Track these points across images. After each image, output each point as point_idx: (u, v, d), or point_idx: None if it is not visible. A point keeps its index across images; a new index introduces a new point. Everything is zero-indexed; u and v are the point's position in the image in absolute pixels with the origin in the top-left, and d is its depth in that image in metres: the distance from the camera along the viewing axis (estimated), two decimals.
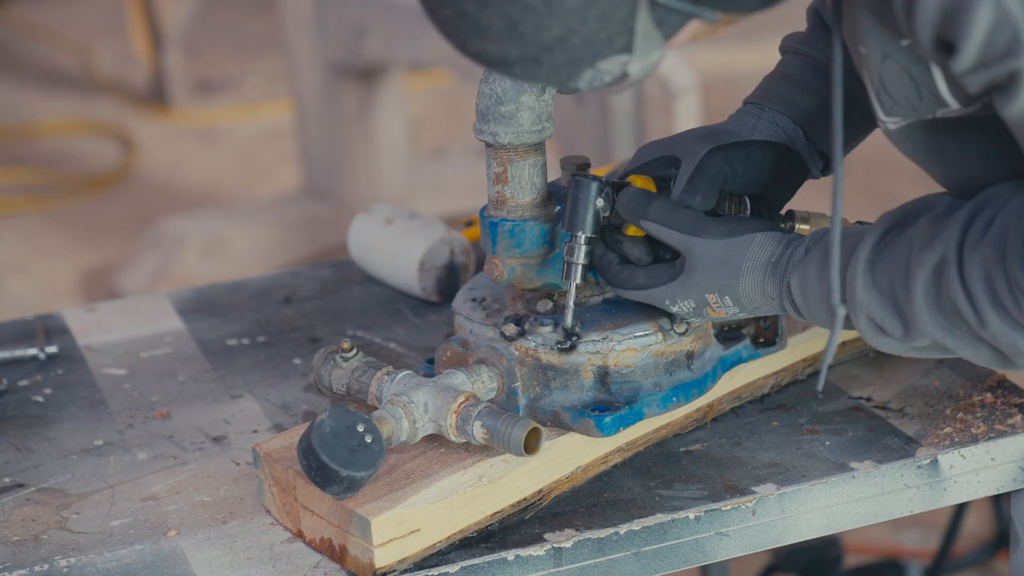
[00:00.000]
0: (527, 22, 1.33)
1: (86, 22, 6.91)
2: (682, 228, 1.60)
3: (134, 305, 2.15)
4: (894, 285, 1.50)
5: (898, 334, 1.52)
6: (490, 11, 1.33)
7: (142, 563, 1.59)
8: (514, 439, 1.56)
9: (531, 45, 1.34)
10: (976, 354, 1.51)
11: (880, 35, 1.44)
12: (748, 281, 1.58)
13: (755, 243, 1.58)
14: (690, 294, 1.61)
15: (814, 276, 1.55)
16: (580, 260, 1.63)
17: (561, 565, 1.58)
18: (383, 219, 2.13)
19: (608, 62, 1.36)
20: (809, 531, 1.66)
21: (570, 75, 1.37)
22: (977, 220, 1.46)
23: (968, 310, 1.45)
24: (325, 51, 4.43)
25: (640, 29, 1.34)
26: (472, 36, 1.36)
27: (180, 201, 5.21)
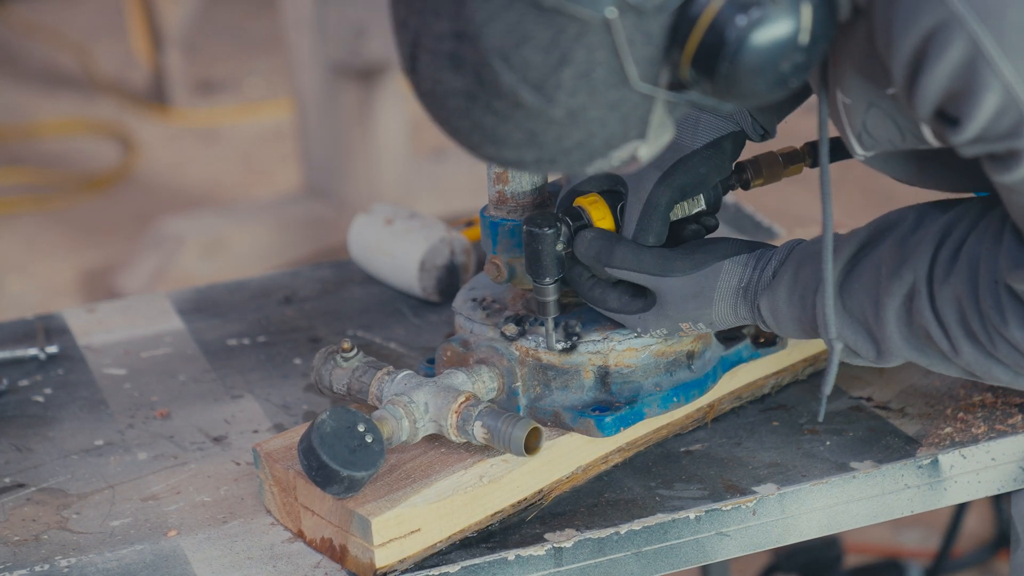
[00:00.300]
0: (549, 133, 1.33)
1: (86, 22, 6.91)
2: (650, 270, 1.60)
3: (134, 305, 2.15)
4: (864, 311, 1.52)
5: (871, 357, 1.54)
6: (511, 125, 1.33)
7: (143, 563, 1.59)
8: (515, 439, 1.56)
9: (549, 150, 1.35)
10: (948, 371, 1.54)
11: (867, 87, 1.43)
12: (720, 308, 1.60)
13: (723, 271, 1.59)
14: (663, 324, 1.62)
15: (783, 302, 1.56)
16: (551, 297, 1.63)
17: (562, 565, 1.58)
18: (383, 219, 2.13)
19: (620, 150, 1.37)
20: (810, 531, 1.66)
21: (583, 166, 1.38)
22: (944, 247, 1.46)
23: (941, 339, 1.47)
24: (325, 51, 4.43)
25: (655, 120, 1.35)
26: (486, 143, 1.36)
27: (180, 201, 5.21)
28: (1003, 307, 1.42)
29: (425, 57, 1.33)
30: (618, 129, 1.34)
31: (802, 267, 1.55)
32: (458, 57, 1.30)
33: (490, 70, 1.30)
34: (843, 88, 1.45)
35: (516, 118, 1.32)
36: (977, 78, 1.30)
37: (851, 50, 1.42)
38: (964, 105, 1.32)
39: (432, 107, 1.37)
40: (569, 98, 1.30)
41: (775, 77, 1.32)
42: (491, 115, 1.32)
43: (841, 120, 1.49)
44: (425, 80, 1.34)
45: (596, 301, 1.64)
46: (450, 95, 1.33)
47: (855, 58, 1.42)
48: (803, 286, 1.55)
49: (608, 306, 1.63)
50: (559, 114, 1.31)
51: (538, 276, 1.62)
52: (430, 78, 1.34)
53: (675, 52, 1.32)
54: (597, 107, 1.31)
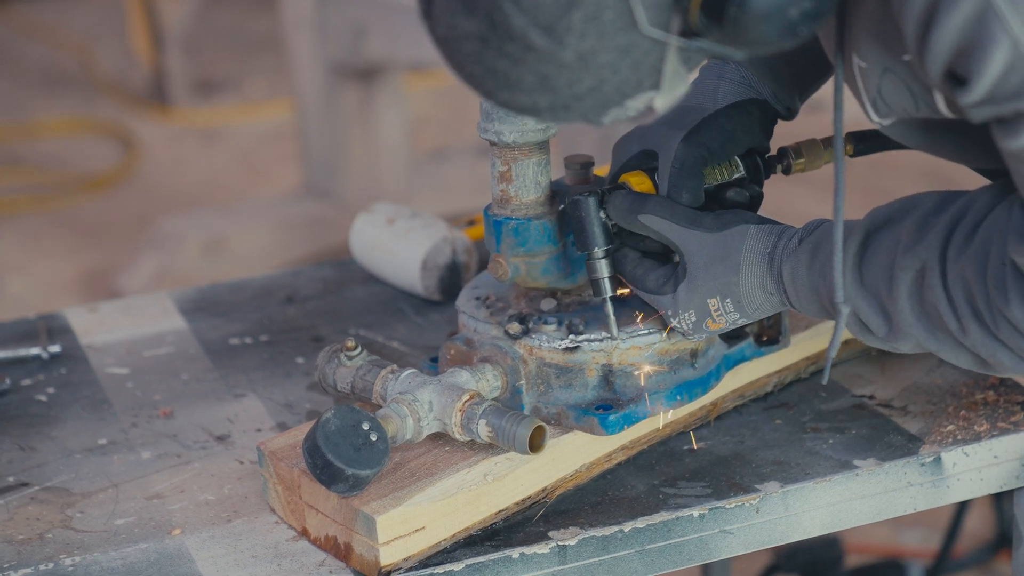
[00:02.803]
0: (560, 77, 1.34)
1: (86, 22, 6.91)
2: (680, 221, 1.60)
3: (136, 305, 2.15)
4: (879, 285, 1.51)
5: (882, 333, 1.54)
6: (523, 68, 1.33)
7: (147, 561, 1.59)
8: (519, 437, 1.57)
9: (562, 95, 1.35)
10: (958, 358, 1.53)
11: (882, 52, 1.44)
12: (747, 276, 1.59)
13: (749, 235, 1.59)
14: (692, 301, 1.61)
15: (804, 267, 1.56)
16: (605, 274, 1.64)
17: (566, 563, 1.58)
18: (385, 218, 2.14)
19: (635, 100, 1.37)
20: (812, 529, 1.66)
21: (598, 116, 1.39)
22: (959, 228, 1.47)
23: (950, 317, 1.47)
24: (325, 51, 4.43)
25: (668, 69, 1.36)
26: (500, 88, 1.37)
27: (180, 201, 5.21)
28: (1007, 286, 1.42)
29: (440, 2, 1.34)
30: (630, 76, 1.34)
31: (823, 240, 1.56)
32: (471, 1, 1.32)
33: (501, 12, 1.31)
34: (859, 52, 1.46)
35: (528, 61, 1.33)
36: (986, 32, 1.31)
37: (867, 13, 1.42)
38: (973, 62, 1.32)
39: (447, 52, 1.38)
40: (579, 41, 1.31)
41: (783, 23, 1.33)
42: (504, 59, 1.33)
43: (857, 85, 1.50)
44: (440, 25, 1.36)
45: (636, 280, 1.65)
46: (464, 39, 1.34)
47: (871, 21, 1.43)
48: (823, 257, 1.55)
49: (646, 286, 1.64)
50: (569, 57, 1.32)
51: (586, 246, 1.63)
52: (445, 23, 1.35)
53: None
54: (607, 51, 1.32)
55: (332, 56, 4.42)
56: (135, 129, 5.81)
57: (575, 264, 1.68)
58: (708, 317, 1.62)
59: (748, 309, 1.61)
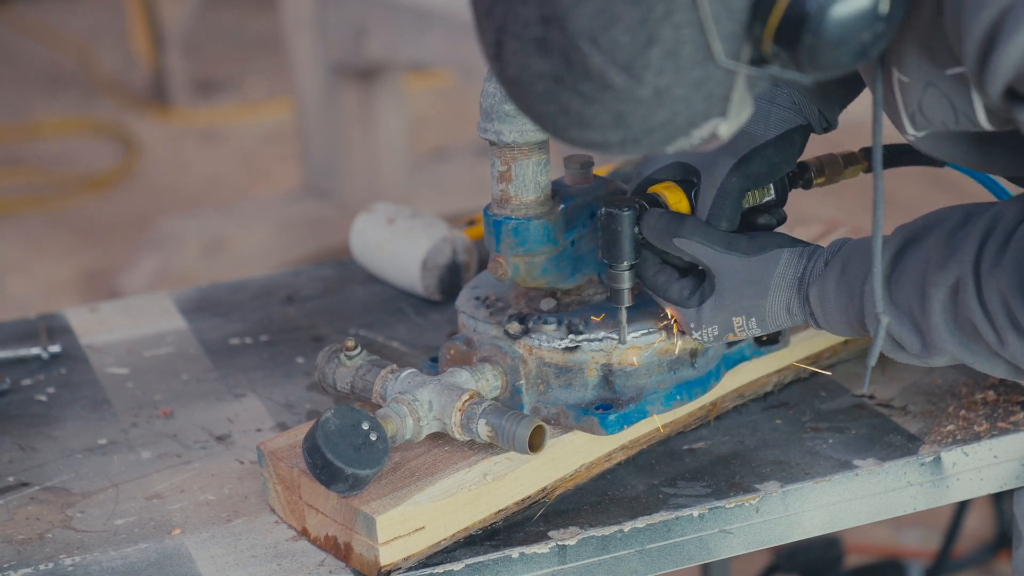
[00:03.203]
0: (636, 114, 1.33)
1: (86, 22, 6.91)
2: (715, 245, 1.61)
3: (136, 305, 2.15)
4: (911, 302, 1.52)
5: (916, 349, 1.54)
6: (597, 107, 1.33)
7: (147, 561, 1.59)
8: (519, 437, 1.57)
9: (634, 130, 1.35)
10: (994, 368, 1.53)
11: (927, 65, 1.44)
12: (775, 300, 1.60)
13: (782, 261, 1.60)
14: (717, 318, 1.62)
15: (831, 290, 1.57)
16: (627, 285, 1.64)
17: (566, 563, 1.58)
18: (385, 218, 2.14)
19: (702, 129, 1.37)
20: (812, 529, 1.66)
21: (664, 146, 1.38)
22: (990, 241, 1.47)
23: (988, 331, 1.48)
24: (325, 51, 4.43)
25: (736, 97, 1.36)
26: (572, 127, 1.36)
27: (180, 201, 5.21)
28: None
29: (511, 43, 1.34)
30: (701, 107, 1.35)
31: (850, 260, 1.57)
32: (546, 41, 1.32)
33: (578, 53, 1.30)
34: (901, 66, 1.46)
35: (604, 100, 1.33)
36: None
37: (914, 27, 1.42)
38: None
39: (517, 93, 1.37)
40: (656, 77, 1.31)
41: (857, 47, 1.34)
42: (578, 98, 1.33)
43: (895, 99, 1.50)
44: (511, 66, 1.35)
45: (658, 289, 1.65)
46: (537, 80, 1.34)
47: (918, 35, 1.43)
48: (851, 277, 1.56)
49: (669, 296, 1.64)
50: (646, 94, 1.32)
51: (615, 259, 1.63)
52: (516, 64, 1.34)
53: (757, 26, 1.33)
54: (683, 85, 1.32)
55: (332, 56, 4.42)
56: (135, 129, 5.82)
57: (575, 264, 1.68)
58: (730, 331, 1.63)
59: (770, 326, 1.63)
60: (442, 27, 3.94)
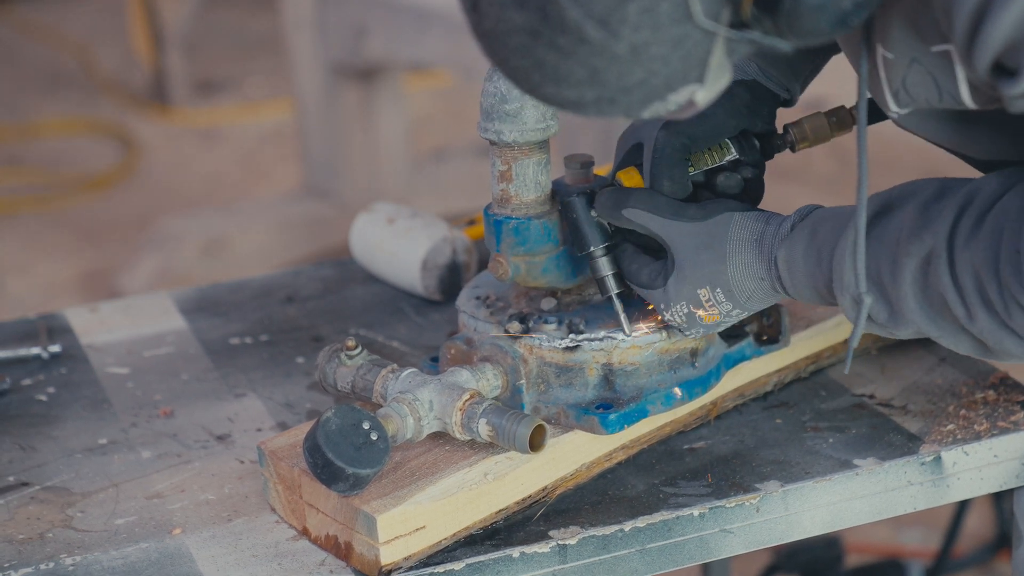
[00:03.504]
0: (611, 70, 1.33)
1: (86, 22, 6.91)
2: (662, 212, 1.61)
3: (136, 304, 2.15)
4: (881, 271, 1.51)
5: (882, 319, 1.53)
6: (573, 62, 1.32)
7: (147, 561, 1.59)
8: (519, 436, 1.57)
9: (610, 89, 1.34)
10: (958, 344, 1.52)
11: (912, 41, 1.44)
12: (735, 264, 1.59)
13: (734, 223, 1.59)
14: (683, 292, 1.61)
15: (800, 253, 1.56)
16: (607, 271, 1.64)
17: (566, 562, 1.58)
18: (385, 218, 2.14)
19: (678, 93, 1.36)
20: (813, 528, 1.66)
21: (640, 109, 1.38)
22: (966, 215, 1.47)
23: (957, 304, 1.47)
24: (325, 51, 4.43)
25: (714, 62, 1.35)
26: (547, 82, 1.35)
27: (180, 201, 5.21)
28: (1022, 273, 1.42)
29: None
30: (678, 68, 1.34)
31: (820, 226, 1.56)
32: None
33: (555, 5, 1.30)
34: (885, 42, 1.46)
35: (579, 54, 1.32)
36: None
37: (900, 3, 1.42)
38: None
39: (492, 46, 1.36)
40: (633, 33, 1.30)
41: (837, 14, 1.33)
42: (554, 52, 1.32)
43: (879, 75, 1.50)
44: (487, 18, 1.34)
45: (631, 275, 1.65)
46: (512, 32, 1.33)
47: (904, 10, 1.42)
48: (820, 243, 1.55)
49: (640, 281, 1.64)
50: (622, 49, 1.31)
51: (583, 246, 1.64)
52: (492, 16, 1.33)
53: None
54: (660, 43, 1.31)
55: (332, 56, 4.42)
56: (135, 129, 5.81)
57: (575, 263, 1.68)
58: (700, 308, 1.62)
59: (740, 298, 1.61)
60: (442, 27, 3.95)
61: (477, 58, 3.80)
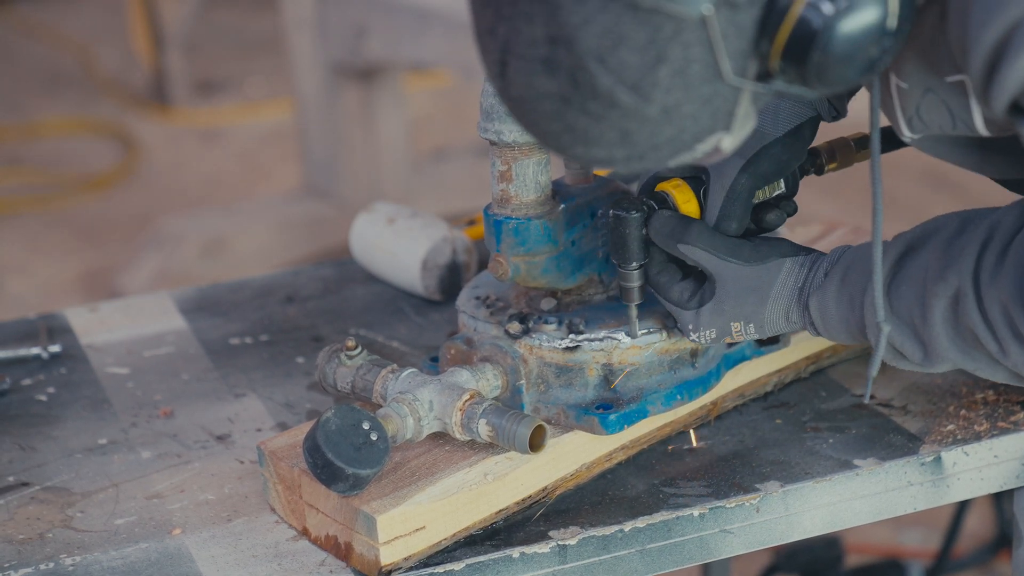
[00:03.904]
0: (642, 131, 1.33)
1: (86, 22, 6.91)
2: (721, 252, 1.61)
3: (136, 304, 2.15)
4: (912, 312, 1.53)
5: (918, 359, 1.55)
6: (604, 125, 1.33)
7: (147, 561, 1.59)
8: (519, 436, 1.57)
9: (640, 147, 1.35)
10: (995, 375, 1.55)
11: (927, 73, 1.44)
12: (774, 308, 1.61)
13: (784, 270, 1.60)
14: (716, 322, 1.62)
15: (832, 300, 1.58)
16: (637, 283, 1.65)
17: (566, 562, 1.58)
18: (385, 218, 2.14)
19: (705, 143, 1.37)
20: (813, 528, 1.66)
21: (668, 161, 1.38)
22: (988, 251, 1.48)
23: (989, 340, 1.48)
24: (325, 51, 4.43)
25: (740, 111, 1.36)
26: (577, 144, 1.36)
27: (180, 201, 5.21)
28: None
29: (516, 63, 1.32)
30: (707, 123, 1.35)
31: (851, 269, 1.57)
32: (552, 61, 1.30)
33: (586, 73, 1.30)
34: (899, 73, 1.47)
35: (611, 118, 1.32)
36: None
37: (916, 35, 1.42)
38: None
39: (522, 112, 1.37)
40: (665, 96, 1.31)
41: (864, 62, 1.34)
42: (585, 116, 1.32)
43: (893, 103, 1.50)
44: (515, 85, 1.34)
45: (660, 288, 1.65)
46: (542, 99, 1.33)
47: (919, 44, 1.43)
48: (851, 287, 1.56)
49: (669, 296, 1.65)
50: (654, 112, 1.32)
51: (624, 261, 1.64)
52: (521, 83, 1.33)
53: (764, 43, 1.33)
54: (691, 102, 1.32)
55: (332, 56, 4.42)
56: (135, 129, 5.81)
57: (576, 264, 1.68)
58: (727, 335, 1.64)
59: (768, 332, 1.63)
60: (442, 27, 3.94)
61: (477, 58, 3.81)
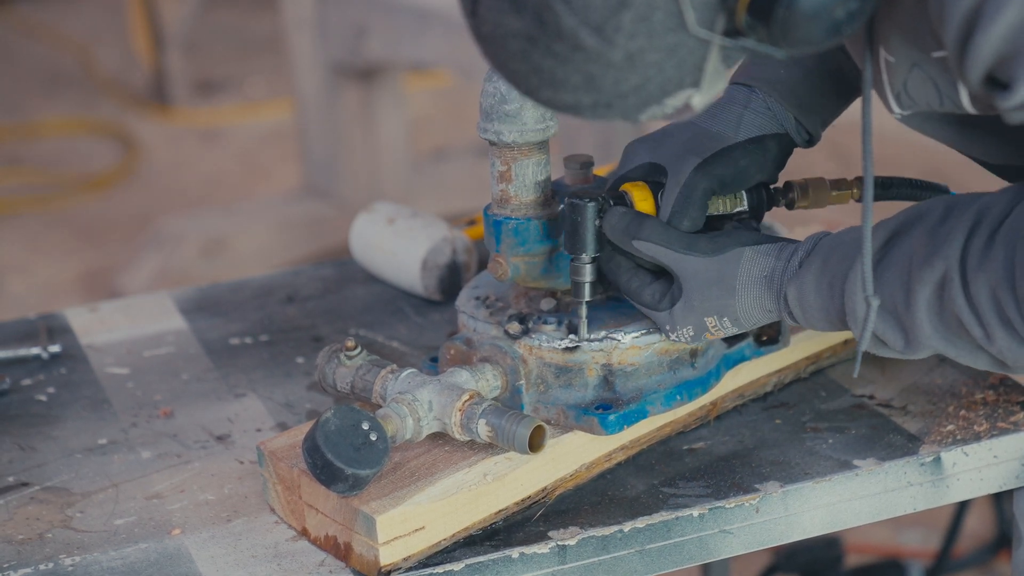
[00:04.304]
0: (607, 76, 1.34)
1: (86, 22, 6.91)
2: (674, 246, 1.61)
3: (136, 304, 2.15)
4: (895, 299, 1.52)
5: (899, 347, 1.54)
6: (569, 68, 1.34)
7: (147, 561, 1.59)
8: (519, 437, 1.57)
9: (606, 94, 1.36)
10: (976, 362, 1.53)
11: (911, 48, 1.45)
12: (744, 299, 1.59)
13: (744, 259, 1.59)
14: (689, 319, 1.61)
15: (811, 289, 1.56)
16: (588, 278, 1.64)
17: (565, 563, 1.58)
18: (385, 218, 2.14)
19: (675, 98, 1.37)
20: (812, 529, 1.66)
21: (637, 113, 1.39)
22: (976, 235, 1.47)
23: (974, 325, 1.47)
24: (325, 51, 4.43)
25: (709, 68, 1.36)
26: (544, 87, 1.37)
27: (180, 201, 5.21)
28: None
29: (486, 1, 1.34)
30: (673, 75, 1.35)
31: (830, 256, 1.56)
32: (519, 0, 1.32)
33: (551, 12, 1.31)
34: (887, 46, 1.47)
35: (575, 61, 1.33)
36: None
37: (899, 9, 1.43)
38: (1016, 68, 1.32)
39: (491, 50, 1.38)
40: (628, 41, 1.31)
41: (830, 23, 1.34)
42: (550, 58, 1.33)
43: (881, 77, 1.50)
44: (485, 23, 1.36)
45: (632, 294, 1.65)
46: (510, 37, 1.34)
47: (903, 18, 1.43)
48: (831, 275, 1.55)
49: (642, 299, 1.64)
50: (617, 57, 1.32)
51: (575, 250, 1.63)
52: (491, 21, 1.35)
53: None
54: (655, 50, 1.32)
55: (332, 56, 4.42)
56: (135, 129, 5.81)
57: None
58: (705, 331, 1.63)
59: (746, 324, 1.62)
60: (442, 27, 3.95)
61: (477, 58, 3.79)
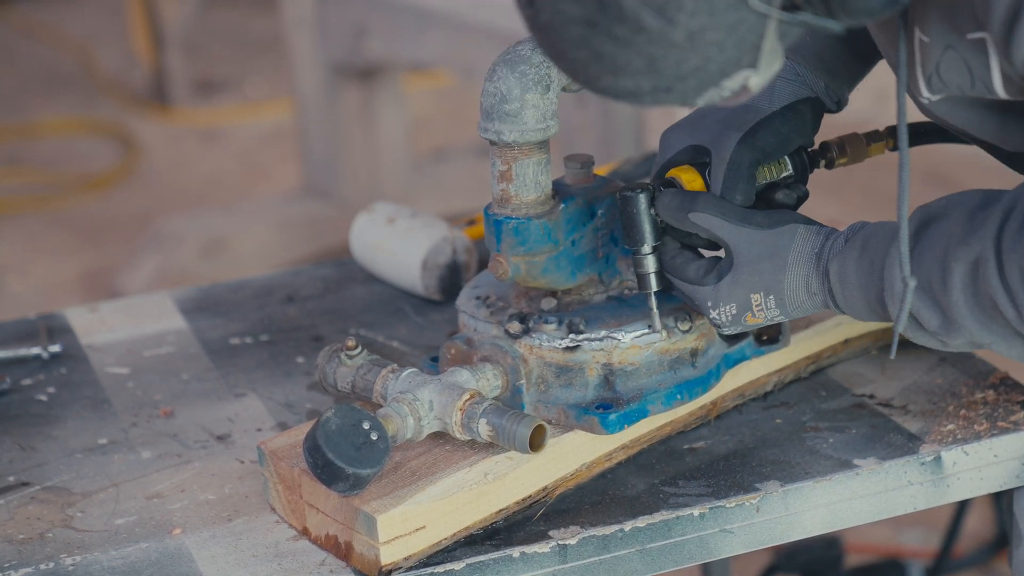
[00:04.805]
0: (668, 58, 1.34)
1: (86, 22, 6.91)
2: (730, 218, 1.62)
3: (136, 304, 2.15)
4: (931, 279, 1.52)
5: (935, 327, 1.54)
6: (631, 51, 1.33)
7: (147, 561, 1.59)
8: (519, 436, 1.57)
9: (667, 77, 1.35)
10: (1011, 349, 1.54)
11: (948, 29, 1.45)
12: (793, 275, 1.60)
13: (799, 235, 1.61)
14: (735, 295, 1.61)
15: (852, 264, 1.57)
16: (652, 269, 1.65)
17: (566, 562, 1.58)
18: (385, 218, 2.14)
19: (732, 79, 1.37)
20: (813, 528, 1.66)
21: (696, 97, 1.39)
22: (1012, 218, 1.48)
23: (1008, 306, 1.48)
24: (325, 51, 4.43)
25: (767, 46, 1.36)
26: (605, 73, 1.36)
27: (180, 201, 5.21)
28: None
29: None
30: (733, 54, 1.35)
31: (870, 240, 1.57)
32: None
33: None
34: (923, 26, 1.47)
35: (637, 43, 1.32)
36: None
37: None
38: None
39: (549, 39, 1.37)
40: (690, 19, 1.31)
41: None
42: (611, 42, 1.33)
43: (914, 59, 1.50)
44: (543, 12, 1.35)
45: (676, 270, 1.65)
46: (569, 24, 1.34)
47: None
48: (872, 254, 1.56)
49: (686, 275, 1.65)
50: (679, 37, 1.32)
51: (636, 242, 1.64)
52: (549, 9, 1.34)
53: None
54: (716, 29, 1.32)
55: (332, 56, 4.42)
56: (135, 129, 5.82)
57: (576, 264, 1.68)
58: (748, 311, 1.63)
59: (789, 308, 1.62)
60: (442, 27, 3.95)
61: (477, 58, 3.81)
